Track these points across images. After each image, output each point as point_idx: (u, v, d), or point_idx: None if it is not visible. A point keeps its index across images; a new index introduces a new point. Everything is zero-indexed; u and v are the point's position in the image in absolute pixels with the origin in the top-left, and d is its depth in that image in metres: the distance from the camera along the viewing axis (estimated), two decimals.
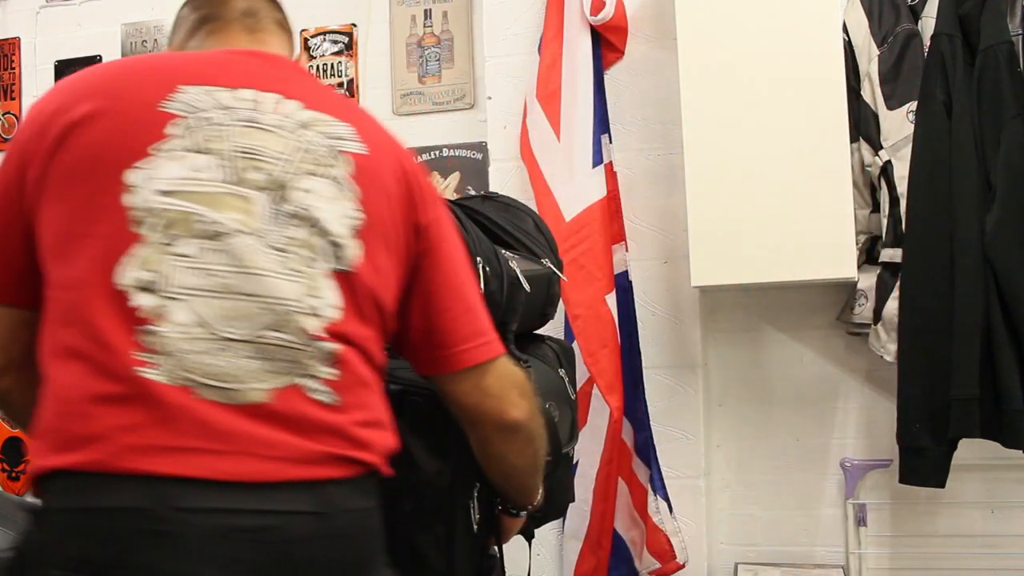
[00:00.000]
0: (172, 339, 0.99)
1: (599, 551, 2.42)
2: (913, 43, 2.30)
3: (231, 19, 1.25)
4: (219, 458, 0.97)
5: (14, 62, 3.32)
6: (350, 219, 1.08)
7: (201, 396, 0.98)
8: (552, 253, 1.62)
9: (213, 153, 1.05)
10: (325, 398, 1.04)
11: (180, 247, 1.01)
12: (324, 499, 1.02)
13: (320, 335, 1.04)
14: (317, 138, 1.10)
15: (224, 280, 1.01)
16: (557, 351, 1.60)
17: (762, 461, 2.56)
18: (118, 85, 1.12)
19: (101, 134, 1.05)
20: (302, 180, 1.07)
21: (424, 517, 1.28)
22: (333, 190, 1.08)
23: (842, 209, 2.19)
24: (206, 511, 0.95)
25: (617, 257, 2.45)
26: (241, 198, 1.04)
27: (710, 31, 2.29)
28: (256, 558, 0.97)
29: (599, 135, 2.46)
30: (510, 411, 1.22)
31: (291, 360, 1.02)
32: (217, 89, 1.09)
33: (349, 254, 1.08)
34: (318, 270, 1.06)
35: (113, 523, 0.95)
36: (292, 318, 1.03)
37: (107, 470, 0.95)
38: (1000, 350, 2.06)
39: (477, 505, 1.31)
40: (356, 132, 1.13)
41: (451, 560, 1.29)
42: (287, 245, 1.05)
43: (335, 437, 1.03)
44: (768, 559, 2.52)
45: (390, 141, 1.19)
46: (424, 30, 2.94)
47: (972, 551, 2.41)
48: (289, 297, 1.03)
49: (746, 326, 2.58)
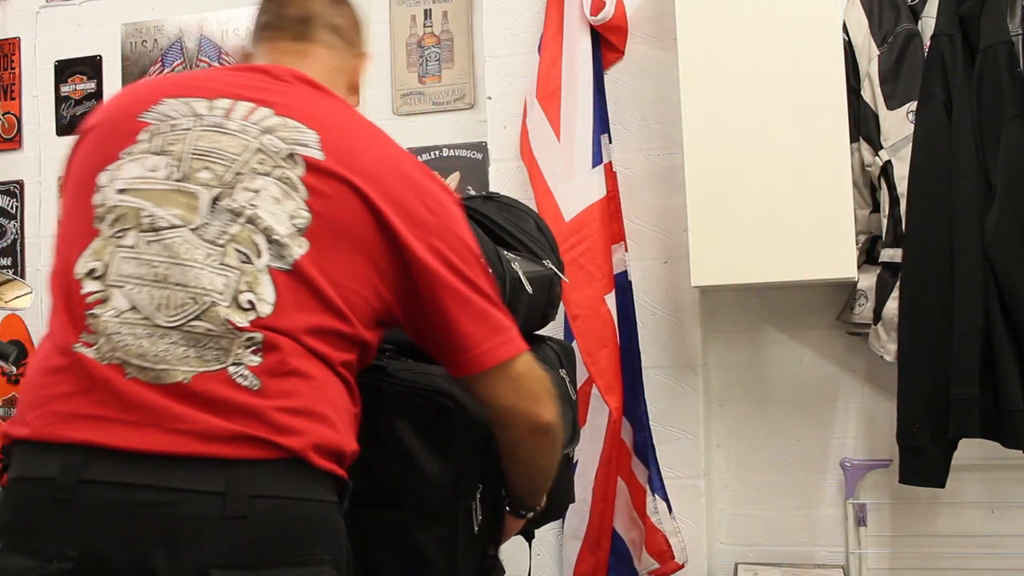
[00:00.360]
0: (109, 322, 1.07)
1: (599, 551, 2.42)
2: (913, 43, 2.30)
3: (284, 27, 1.33)
4: (129, 428, 1.03)
5: (14, 62, 3.32)
6: (296, 219, 1.11)
7: (128, 375, 1.05)
8: (553, 254, 1.62)
9: (170, 155, 1.14)
10: (247, 383, 1.06)
11: (126, 239, 1.11)
12: (231, 480, 1.03)
13: (246, 326, 1.07)
14: (276, 142, 1.14)
15: (158, 270, 1.09)
16: (557, 351, 1.60)
17: (762, 461, 2.56)
18: (119, 101, 1.25)
19: (92, 143, 1.20)
20: (252, 180, 1.12)
21: (426, 518, 1.28)
22: (281, 190, 1.12)
23: (842, 209, 2.19)
24: (105, 484, 1.02)
25: (617, 257, 2.45)
26: (187, 194, 1.11)
27: (710, 31, 2.29)
28: (149, 533, 1.00)
29: (599, 135, 2.46)
30: (543, 413, 1.25)
31: (219, 348, 1.06)
32: (196, 100, 1.18)
33: (292, 252, 1.10)
34: (255, 265, 1.09)
35: (31, 491, 1.04)
36: (216, 309, 1.07)
37: (39, 439, 1.05)
38: (1000, 350, 2.06)
39: (479, 506, 1.31)
40: (320, 140, 1.15)
41: (453, 561, 1.28)
42: (225, 241, 1.10)
43: (250, 419, 1.05)
44: (768, 559, 2.52)
45: (372, 153, 1.19)
46: (424, 30, 2.94)
47: (972, 551, 2.41)
48: (215, 289, 1.08)
49: (746, 326, 2.58)
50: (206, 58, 3.14)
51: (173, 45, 3.17)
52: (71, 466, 1.02)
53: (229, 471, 1.03)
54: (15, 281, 2.59)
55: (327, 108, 1.23)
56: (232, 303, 1.08)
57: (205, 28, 3.15)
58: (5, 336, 3.10)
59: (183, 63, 3.16)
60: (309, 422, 1.08)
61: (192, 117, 1.16)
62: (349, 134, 1.20)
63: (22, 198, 3.28)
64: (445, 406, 1.26)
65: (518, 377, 1.22)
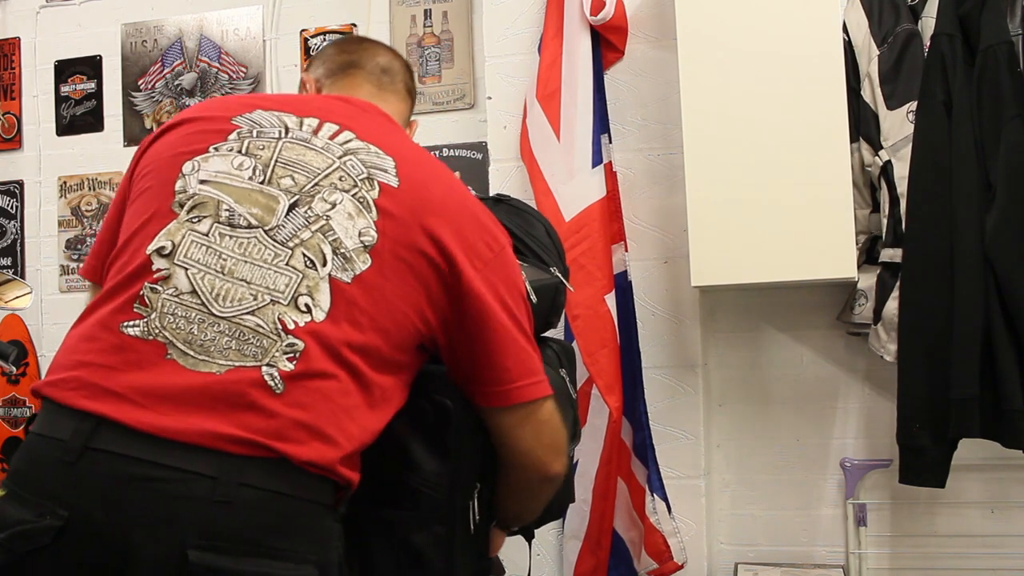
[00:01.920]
0: (168, 300, 1.12)
1: (599, 551, 2.42)
2: (913, 43, 2.30)
3: (369, 70, 1.46)
4: (142, 409, 1.06)
5: (14, 62, 3.32)
6: (365, 236, 1.16)
7: (168, 355, 1.09)
8: (560, 261, 1.62)
9: (257, 158, 1.20)
10: (272, 384, 1.09)
11: (201, 226, 1.16)
12: (224, 467, 1.05)
13: (293, 329, 1.10)
14: (357, 163, 1.21)
15: (227, 264, 1.13)
16: (558, 351, 1.60)
17: (762, 461, 2.56)
18: (211, 104, 1.34)
19: (180, 135, 1.26)
20: (331, 194, 1.18)
21: (424, 517, 1.28)
22: (355, 207, 1.18)
23: (842, 209, 2.19)
24: (107, 453, 1.05)
25: (617, 257, 2.45)
26: (267, 196, 1.17)
27: (710, 31, 2.29)
28: (135, 506, 1.04)
29: (599, 135, 2.46)
30: (555, 464, 1.32)
31: (260, 347, 1.10)
32: (286, 115, 1.26)
33: (355, 267, 1.15)
34: (319, 272, 1.13)
35: (44, 448, 1.09)
36: (272, 308, 1.11)
37: (60, 401, 1.10)
38: (1000, 350, 2.06)
39: (477, 505, 1.31)
40: (396, 167, 1.22)
41: (450, 560, 1.28)
42: (294, 244, 1.15)
43: (262, 420, 1.07)
44: (768, 559, 2.52)
45: (441, 187, 1.25)
46: (424, 30, 2.94)
47: (972, 551, 2.41)
48: (276, 288, 1.12)
49: (746, 326, 2.58)
50: (206, 58, 3.14)
51: (173, 45, 3.18)
52: (81, 432, 1.06)
53: (224, 460, 1.06)
54: (15, 281, 2.59)
55: (402, 141, 1.31)
56: (291, 303, 1.12)
57: (205, 28, 3.15)
58: (5, 336, 3.10)
59: (183, 63, 3.16)
60: (316, 440, 1.10)
61: (281, 129, 1.24)
62: (422, 167, 1.26)
63: (22, 198, 3.28)
64: (444, 405, 1.27)
65: (543, 422, 1.28)
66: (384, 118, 1.35)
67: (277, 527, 1.07)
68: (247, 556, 1.05)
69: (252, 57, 3.10)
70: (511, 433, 1.28)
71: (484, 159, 2.75)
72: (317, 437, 1.10)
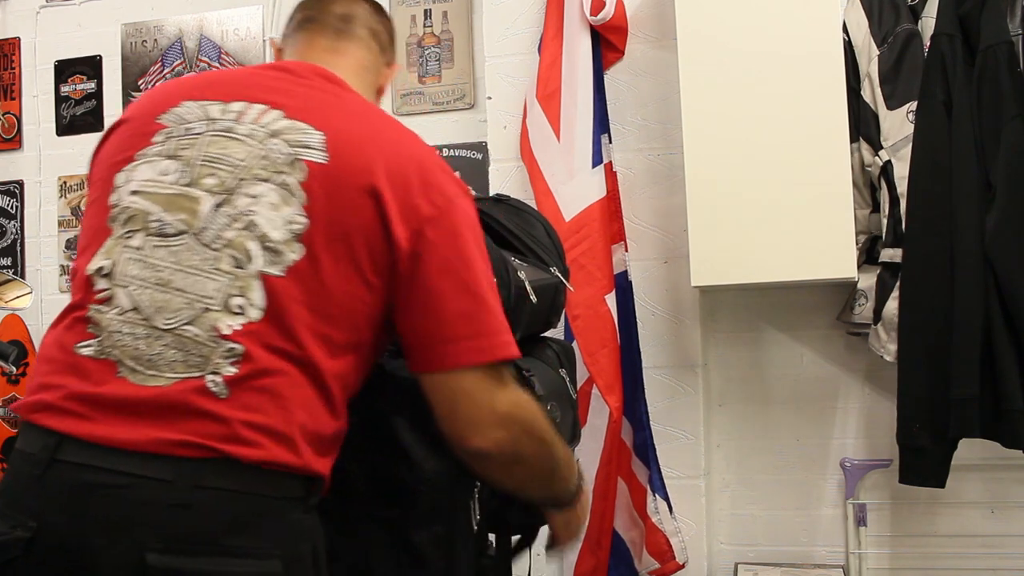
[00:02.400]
0: (113, 320, 1.12)
1: (599, 551, 2.42)
2: (913, 43, 2.30)
3: (326, 23, 1.38)
4: (99, 424, 1.08)
5: (14, 62, 3.32)
6: (293, 224, 1.13)
7: (119, 373, 1.10)
8: (560, 261, 1.61)
9: (181, 159, 1.18)
10: (217, 390, 1.09)
11: (133, 240, 1.15)
12: (179, 472, 1.06)
13: (229, 334, 1.10)
14: (281, 146, 1.17)
15: (162, 275, 1.13)
16: (558, 351, 1.60)
17: (762, 461, 2.56)
18: (145, 99, 1.29)
19: (116, 141, 1.25)
20: (252, 186, 1.15)
21: (423, 516, 1.28)
22: (280, 196, 1.14)
23: (842, 209, 2.19)
24: (71, 464, 1.07)
25: (617, 257, 2.45)
26: (191, 199, 1.15)
27: (710, 31, 2.29)
28: (96, 513, 1.05)
29: (599, 135, 2.46)
30: (473, 440, 1.19)
31: (202, 356, 1.10)
32: (211, 103, 1.22)
33: (286, 258, 1.12)
34: (248, 271, 1.12)
35: (21, 463, 1.12)
36: (206, 316, 1.11)
37: (29, 420, 1.13)
38: (1000, 350, 2.06)
39: (477, 505, 1.31)
40: (325, 140, 1.17)
41: (451, 560, 1.28)
42: (220, 246, 1.13)
43: (212, 426, 1.08)
44: (768, 559, 2.52)
45: (377, 147, 1.19)
46: (424, 30, 2.94)
47: (972, 551, 2.41)
48: (206, 295, 1.11)
49: (746, 326, 2.58)
50: (206, 58, 3.14)
51: (173, 45, 3.17)
52: (47, 446, 1.09)
53: (179, 464, 1.06)
54: (15, 281, 2.59)
55: (340, 105, 1.25)
56: (223, 307, 1.11)
57: (205, 28, 3.15)
58: (5, 336, 3.10)
59: (183, 63, 3.16)
60: (268, 440, 1.09)
61: (205, 121, 1.20)
62: (358, 130, 1.21)
63: (22, 198, 3.28)
64: None
65: (459, 393, 1.18)
66: (328, 82, 1.27)
67: (236, 525, 1.07)
68: (206, 555, 1.05)
69: (252, 57, 3.10)
70: (432, 402, 1.19)
71: (484, 159, 2.75)
72: (269, 436, 1.09)
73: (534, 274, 1.47)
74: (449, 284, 1.18)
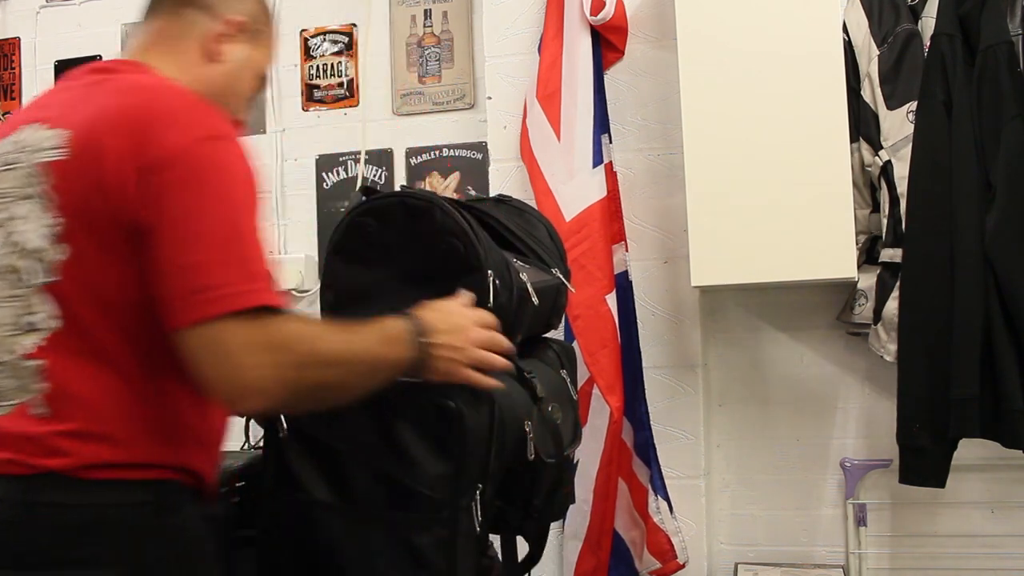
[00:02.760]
0: None
1: (599, 551, 2.42)
2: (913, 43, 2.30)
3: (144, 11, 1.37)
4: None
5: (14, 62, 3.32)
6: (48, 228, 1.14)
7: None
8: (561, 263, 1.61)
9: None
10: (39, 411, 1.12)
11: None
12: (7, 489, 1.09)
13: (32, 353, 1.13)
14: (28, 160, 1.17)
15: None
16: (558, 351, 1.60)
17: (762, 461, 2.56)
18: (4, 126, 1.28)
19: None
20: (17, 207, 1.16)
21: (425, 519, 1.28)
22: (30, 208, 1.16)
23: (842, 209, 2.19)
24: None
25: (617, 257, 2.45)
26: None
27: (710, 31, 2.29)
28: None
29: (599, 135, 2.46)
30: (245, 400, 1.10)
31: (21, 380, 1.13)
32: (14, 134, 1.21)
33: (54, 262, 1.14)
34: (29, 288, 1.14)
35: None
36: (6, 342, 1.15)
37: None
38: (1000, 350, 2.06)
39: (479, 508, 1.31)
40: (71, 137, 1.15)
41: (452, 562, 1.28)
42: (3, 273, 1.16)
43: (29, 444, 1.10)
44: (768, 559, 2.52)
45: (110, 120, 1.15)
46: (424, 30, 2.94)
47: (972, 551, 2.41)
48: (5, 322, 1.15)
49: (746, 326, 2.58)
50: None
51: None
52: None
53: (6, 482, 1.09)
54: None
55: (99, 93, 1.21)
56: (20, 329, 1.14)
57: None
58: None
59: None
60: (85, 444, 1.11)
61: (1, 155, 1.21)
62: (103, 112, 1.16)
63: None
64: (445, 406, 1.26)
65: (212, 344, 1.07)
66: (93, 74, 1.26)
67: (71, 538, 1.09)
68: (43, 569, 1.07)
69: None
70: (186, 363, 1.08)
71: (484, 159, 2.75)
72: (86, 440, 1.11)
73: (536, 276, 1.47)
74: (184, 233, 1.09)
